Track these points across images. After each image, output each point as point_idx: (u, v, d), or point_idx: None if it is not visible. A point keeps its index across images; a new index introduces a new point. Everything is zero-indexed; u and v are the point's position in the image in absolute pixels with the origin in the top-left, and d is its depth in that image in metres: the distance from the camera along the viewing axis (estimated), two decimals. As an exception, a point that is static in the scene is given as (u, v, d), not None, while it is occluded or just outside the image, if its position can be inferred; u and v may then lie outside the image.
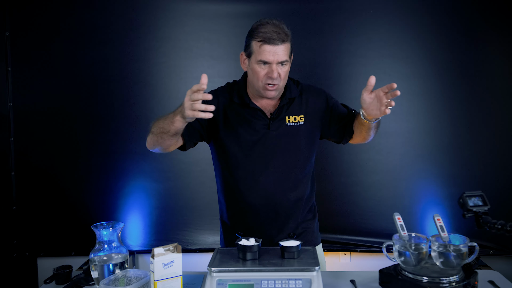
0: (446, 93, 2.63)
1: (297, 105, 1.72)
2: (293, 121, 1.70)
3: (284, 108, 1.70)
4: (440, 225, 1.39)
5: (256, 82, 1.62)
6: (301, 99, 1.73)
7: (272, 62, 1.57)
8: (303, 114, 1.71)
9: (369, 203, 2.67)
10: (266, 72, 1.58)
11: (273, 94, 1.63)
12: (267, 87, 1.60)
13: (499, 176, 2.62)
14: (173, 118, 1.49)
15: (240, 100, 1.70)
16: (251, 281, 1.33)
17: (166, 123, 1.52)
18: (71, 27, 2.64)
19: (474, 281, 1.38)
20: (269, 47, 1.55)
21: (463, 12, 2.61)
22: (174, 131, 1.52)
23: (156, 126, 1.58)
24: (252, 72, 1.63)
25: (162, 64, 2.67)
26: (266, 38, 1.55)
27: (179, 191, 2.70)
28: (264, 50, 1.56)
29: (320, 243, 1.88)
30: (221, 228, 1.88)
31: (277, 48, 1.56)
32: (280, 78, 1.60)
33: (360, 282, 1.51)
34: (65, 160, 2.69)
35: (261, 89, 1.63)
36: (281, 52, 1.57)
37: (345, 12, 2.63)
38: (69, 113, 2.68)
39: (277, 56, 1.56)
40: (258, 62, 1.59)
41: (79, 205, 2.70)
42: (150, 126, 1.63)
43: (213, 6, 2.65)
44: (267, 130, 1.68)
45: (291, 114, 1.70)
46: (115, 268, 1.45)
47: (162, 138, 1.57)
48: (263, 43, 1.56)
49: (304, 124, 1.71)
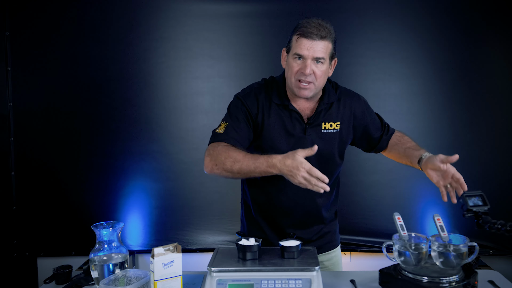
0: (446, 93, 2.63)
1: (334, 111, 1.66)
2: (329, 127, 1.65)
3: (322, 114, 1.64)
4: (440, 225, 1.39)
5: (289, 78, 1.57)
6: (338, 105, 1.67)
7: (306, 57, 1.51)
8: (339, 121, 1.66)
9: (369, 203, 2.67)
10: (299, 67, 1.52)
11: (306, 94, 1.56)
12: (300, 85, 1.54)
13: (499, 176, 2.62)
14: (265, 170, 1.43)
15: (280, 101, 1.63)
16: (251, 281, 1.33)
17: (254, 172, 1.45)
18: (71, 27, 2.65)
19: (474, 281, 1.38)
20: (306, 40, 1.50)
21: (463, 12, 2.61)
22: (258, 175, 1.47)
23: (230, 162, 1.48)
24: (288, 66, 1.57)
25: (162, 64, 2.67)
26: (304, 31, 1.50)
27: (179, 191, 2.70)
28: (301, 43, 1.51)
29: (339, 244, 1.89)
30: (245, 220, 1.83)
31: (314, 43, 1.50)
32: (315, 76, 1.53)
33: (360, 282, 1.51)
34: (65, 160, 2.69)
35: (293, 86, 1.56)
36: (318, 48, 1.50)
37: (345, 12, 2.63)
38: (69, 113, 2.68)
39: (313, 52, 1.50)
40: (293, 55, 1.54)
41: (79, 205, 2.70)
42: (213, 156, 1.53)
43: (213, 6, 2.65)
44: (303, 135, 1.63)
45: (328, 121, 1.65)
46: (115, 268, 1.44)
47: (239, 177, 1.52)
48: (300, 36, 1.51)
49: (339, 131, 1.66)
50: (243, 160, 1.47)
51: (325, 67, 1.55)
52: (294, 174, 1.37)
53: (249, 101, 1.64)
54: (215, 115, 2.66)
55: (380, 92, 2.64)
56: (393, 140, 1.78)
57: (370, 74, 2.65)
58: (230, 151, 1.51)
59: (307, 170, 1.36)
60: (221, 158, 1.50)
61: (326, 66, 1.55)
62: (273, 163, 1.42)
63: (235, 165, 1.48)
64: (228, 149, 1.52)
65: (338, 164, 1.72)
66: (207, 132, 2.63)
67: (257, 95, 1.64)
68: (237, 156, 1.48)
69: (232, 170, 1.48)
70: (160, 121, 2.68)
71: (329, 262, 1.81)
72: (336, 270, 1.81)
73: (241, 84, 2.59)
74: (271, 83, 1.67)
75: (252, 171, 1.46)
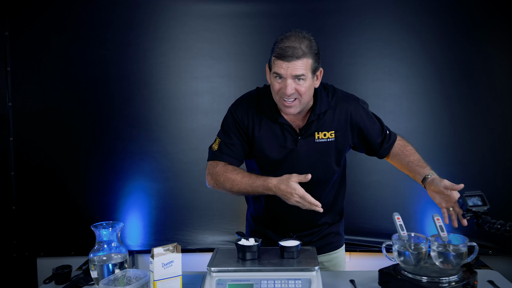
0: (446, 93, 2.63)
1: (328, 119, 1.62)
2: (322, 137, 1.62)
3: (314, 124, 1.61)
4: (440, 225, 1.39)
5: (274, 96, 1.56)
6: (334, 112, 1.63)
7: (286, 77, 1.48)
8: (334, 129, 1.62)
9: (369, 203, 2.67)
10: (280, 86, 1.50)
11: (291, 111, 1.53)
12: (284, 103, 1.52)
13: (499, 176, 2.62)
14: (262, 192, 1.54)
15: (270, 114, 1.62)
16: (251, 281, 1.33)
17: (252, 192, 1.56)
18: (70, 27, 2.65)
19: (474, 281, 1.38)
20: (283, 62, 1.47)
21: (463, 12, 2.61)
22: (257, 195, 1.59)
23: (229, 184, 1.59)
24: (271, 85, 1.56)
25: (162, 64, 2.67)
26: (279, 53, 1.47)
27: (178, 191, 2.70)
28: (277, 64, 1.48)
29: (343, 245, 1.89)
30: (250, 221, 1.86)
31: (290, 64, 1.46)
32: (299, 93, 1.49)
33: (359, 282, 1.51)
34: (64, 160, 2.69)
35: (279, 104, 1.55)
36: (296, 67, 1.46)
37: (344, 12, 2.63)
38: (68, 113, 2.68)
39: (291, 71, 1.46)
40: (273, 74, 1.51)
41: (79, 205, 2.70)
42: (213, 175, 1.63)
43: (212, 6, 2.65)
44: (295, 147, 1.61)
45: (321, 130, 1.61)
46: (114, 268, 1.44)
47: (234, 195, 1.63)
48: (277, 58, 1.48)
49: (334, 140, 1.63)
50: (240, 183, 1.57)
51: (308, 82, 1.50)
52: (288, 198, 1.48)
53: (239, 114, 1.65)
54: (215, 115, 2.66)
55: (380, 92, 2.64)
56: (395, 150, 1.74)
57: (370, 74, 2.65)
58: (228, 173, 1.59)
59: (300, 196, 1.46)
60: (220, 179, 1.61)
61: (309, 82, 1.50)
62: (268, 187, 1.51)
63: (234, 187, 1.58)
64: (226, 171, 1.60)
65: (335, 171, 1.69)
66: (206, 132, 2.66)
67: (248, 107, 1.64)
68: (235, 178, 1.58)
69: (231, 191, 1.60)
70: (160, 121, 2.68)
71: (329, 263, 1.81)
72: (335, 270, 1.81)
73: (240, 84, 2.62)
74: (263, 95, 1.66)
75: (250, 192, 1.57)
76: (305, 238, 1.71)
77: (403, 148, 1.74)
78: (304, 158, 1.62)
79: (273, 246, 1.58)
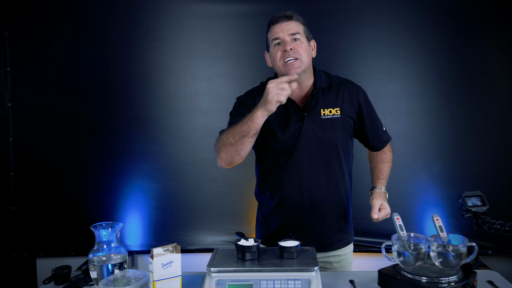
0: (445, 93, 2.63)
1: (332, 97, 1.68)
2: (328, 114, 1.66)
3: (318, 99, 1.67)
4: (439, 225, 1.39)
5: (278, 65, 1.64)
6: (337, 91, 1.70)
7: (283, 38, 1.61)
8: (339, 106, 1.67)
9: (368, 203, 2.66)
10: (281, 49, 1.62)
11: (295, 69, 1.60)
12: (287, 64, 1.60)
13: (498, 176, 2.62)
14: (252, 117, 1.50)
15: None
16: (250, 281, 1.33)
17: (245, 125, 1.51)
18: (70, 27, 2.64)
19: (473, 281, 1.39)
20: (276, 25, 1.63)
21: (462, 12, 2.61)
22: (255, 130, 1.51)
23: (231, 136, 1.55)
24: (273, 58, 1.65)
25: (161, 64, 2.67)
26: (272, 21, 1.65)
27: (178, 191, 2.70)
28: (273, 30, 1.64)
29: (352, 241, 1.89)
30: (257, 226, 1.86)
31: (283, 24, 1.62)
32: (298, 52, 1.60)
33: (359, 282, 1.51)
34: (64, 160, 2.69)
35: (283, 69, 1.62)
36: (289, 26, 1.62)
37: (344, 13, 2.63)
38: (68, 113, 2.68)
39: (286, 30, 1.61)
40: (273, 45, 1.64)
41: (78, 206, 2.69)
42: (219, 143, 1.59)
43: (212, 6, 2.65)
44: (302, 123, 1.65)
45: (326, 107, 1.67)
46: (114, 268, 1.44)
47: (243, 144, 1.53)
48: (271, 25, 1.65)
49: (340, 117, 1.67)
50: (235, 126, 1.55)
51: (304, 44, 1.64)
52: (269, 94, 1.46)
53: (246, 100, 1.72)
54: (214, 116, 2.66)
55: (380, 92, 2.64)
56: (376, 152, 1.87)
57: (370, 75, 2.65)
58: (228, 130, 1.59)
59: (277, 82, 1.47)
60: (223, 139, 1.58)
61: (305, 43, 1.64)
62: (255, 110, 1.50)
63: (229, 134, 1.55)
64: (228, 130, 1.60)
65: (345, 151, 1.72)
66: (206, 132, 2.66)
67: (254, 95, 1.72)
68: (231, 128, 1.57)
69: (231, 142, 1.54)
70: (159, 121, 2.68)
71: (338, 264, 1.80)
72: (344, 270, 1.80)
73: (240, 85, 2.61)
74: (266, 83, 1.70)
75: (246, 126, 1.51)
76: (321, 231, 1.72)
77: (381, 153, 1.85)
78: (311, 134, 1.65)
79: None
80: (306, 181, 1.67)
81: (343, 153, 1.71)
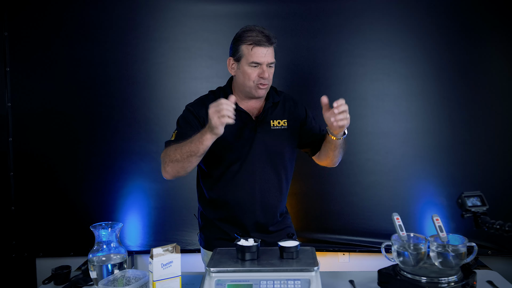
0: (445, 93, 2.64)
1: (280, 110, 1.82)
2: (277, 124, 1.80)
3: (269, 111, 1.79)
4: (439, 225, 1.39)
5: (248, 83, 1.71)
6: (284, 106, 1.84)
7: (263, 63, 1.68)
8: (286, 119, 1.82)
9: (368, 203, 2.68)
10: (257, 73, 1.69)
11: (263, 93, 1.74)
12: (259, 86, 1.70)
13: (498, 176, 2.62)
14: (201, 138, 1.53)
15: None
16: (250, 281, 1.33)
17: (193, 146, 1.55)
18: (69, 27, 2.64)
19: (473, 281, 1.39)
20: (261, 48, 1.67)
21: (462, 12, 2.61)
22: (203, 150, 1.56)
23: (178, 153, 1.59)
24: (243, 74, 1.71)
25: (161, 64, 2.67)
26: (256, 41, 1.67)
27: (177, 191, 2.70)
28: (256, 52, 1.67)
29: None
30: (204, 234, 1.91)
31: (267, 50, 1.68)
32: (270, 78, 1.72)
33: (359, 282, 1.52)
34: (63, 161, 2.69)
35: (252, 89, 1.71)
36: (270, 54, 1.69)
37: (344, 13, 2.63)
38: (67, 113, 2.67)
39: (267, 58, 1.69)
40: (250, 64, 1.68)
41: (78, 206, 2.69)
42: (165, 158, 1.65)
43: (212, 6, 2.65)
44: (254, 134, 1.75)
45: (275, 118, 1.80)
46: (113, 268, 1.45)
47: (190, 162, 1.59)
48: (255, 45, 1.67)
49: (287, 128, 1.81)
50: (183, 144, 1.58)
51: (273, 69, 1.74)
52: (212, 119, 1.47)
53: (196, 108, 1.77)
54: (214, 116, 2.66)
55: (379, 92, 2.64)
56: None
57: (369, 75, 2.65)
58: (176, 146, 1.62)
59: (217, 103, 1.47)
60: (170, 154, 1.62)
61: (273, 68, 1.74)
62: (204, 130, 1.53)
63: (177, 151, 1.59)
64: (175, 146, 1.63)
65: (288, 162, 1.83)
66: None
67: (205, 102, 1.74)
68: (179, 144, 1.60)
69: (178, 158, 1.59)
70: (159, 122, 2.68)
71: None
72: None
73: (240, 85, 2.61)
74: (218, 91, 1.84)
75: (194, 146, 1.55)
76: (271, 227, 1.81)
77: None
78: (262, 143, 1.75)
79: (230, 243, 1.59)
80: (258, 187, 1.76)
81: (288, 161, 1.83)
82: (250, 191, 1.76)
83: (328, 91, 2.64)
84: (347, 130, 1.71)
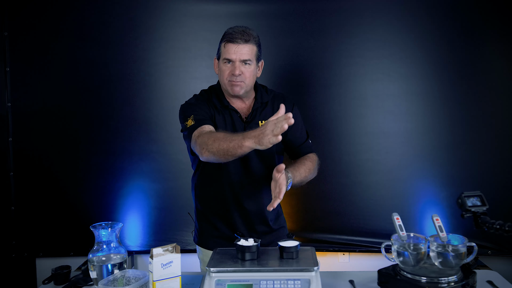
0: (445, 93, 2.63)
1: (269, 110, 1.81)
2: None
3: (258, 112, 1.79)
4: (439, 225, 1.39)
5: (222, 80, 1.73)
6: (273, 105, 1.82)
7: (235, 60, 1.68)
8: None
9: (368, 203, 2.67)
10: (229, 70, 1.70)
11: (237, 90, 1.71)
12: (232, 83, 1.70)
13: (498, 176, 2.62)
14: (241, 143, 1.44)
15: (220, 103, 1.78)
16: (250, 281, 1.33)
17: (231, 147, 1.47)
18: (69, 27, 2.64)
19: (473, 281, 1.39)
20: (232, 45, 1.67)
21: (462, 12, 2.61)
22: (241, 154, 1.49)
23: (216, 147, 1.52)
24: (220, 71, 1.74)
25: (161, 64, 2.67)
26: (230, 37, 1.68)
27: (177, 191, 2.70)
28: (228, 48, 1.68)
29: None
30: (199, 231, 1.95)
31: (239, 47, 1.67)
32: (245, 76, 1.70)
33: (358, 282, 1.52)
34: (63, 161, 2.69)
35: (227, 87, 1.73)
36: (243, 51, 1.67)
37: (343, 13, 2.63)
38: (67, 113, 2.67)
39: (240, 55, 1.67)
40: (223, 60, 1.71)
41: (78, 206, 2.69)
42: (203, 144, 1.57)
43: (212, 6, 2.65)
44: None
45: (264, 119, 1.79)
46: (113, 268, 1.45)
47: (226, 159, 1.54)
48: (227, 42, 1.69)
49: None
50: (223, 138, 1.51)
51: (253, 68, 1.72)
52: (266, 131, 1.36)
53: (202, 100, 1.81)
54: (214, 116, 2.66)
55: (379, 92, 2.64)
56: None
57: (369, 75, 2.65)
58: (214, 137, 1.58)
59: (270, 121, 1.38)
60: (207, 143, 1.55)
61: (253, 67, 1.72)
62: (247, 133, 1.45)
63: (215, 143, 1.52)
64: (211, 133, 1.62)
65: (276, 160, 1.84)
66: (206, 133, 2.65)
67: (206, 98, 1.81)
68: (217, 136, 1.55)
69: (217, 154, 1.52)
70: (159, 122, 2.68)
71: None
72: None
73: (240, 85, 2.61)
74: (210, 91, 1.85)
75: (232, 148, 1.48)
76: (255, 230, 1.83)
77: (303, 159, 1.85)
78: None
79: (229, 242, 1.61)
80: (245, 186, 1.79)
81: (277, 161, 1.84)
82: (236, 190, 1.79)
83: (328, 91, 2.64)
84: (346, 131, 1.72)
